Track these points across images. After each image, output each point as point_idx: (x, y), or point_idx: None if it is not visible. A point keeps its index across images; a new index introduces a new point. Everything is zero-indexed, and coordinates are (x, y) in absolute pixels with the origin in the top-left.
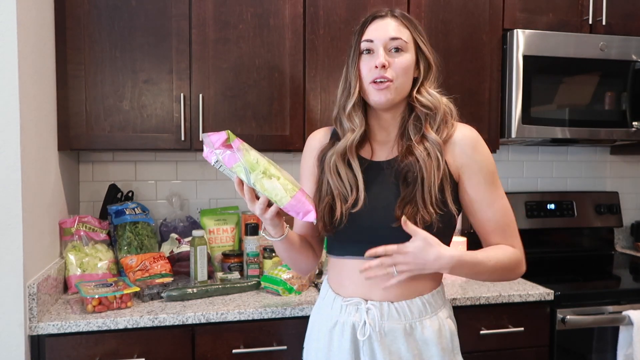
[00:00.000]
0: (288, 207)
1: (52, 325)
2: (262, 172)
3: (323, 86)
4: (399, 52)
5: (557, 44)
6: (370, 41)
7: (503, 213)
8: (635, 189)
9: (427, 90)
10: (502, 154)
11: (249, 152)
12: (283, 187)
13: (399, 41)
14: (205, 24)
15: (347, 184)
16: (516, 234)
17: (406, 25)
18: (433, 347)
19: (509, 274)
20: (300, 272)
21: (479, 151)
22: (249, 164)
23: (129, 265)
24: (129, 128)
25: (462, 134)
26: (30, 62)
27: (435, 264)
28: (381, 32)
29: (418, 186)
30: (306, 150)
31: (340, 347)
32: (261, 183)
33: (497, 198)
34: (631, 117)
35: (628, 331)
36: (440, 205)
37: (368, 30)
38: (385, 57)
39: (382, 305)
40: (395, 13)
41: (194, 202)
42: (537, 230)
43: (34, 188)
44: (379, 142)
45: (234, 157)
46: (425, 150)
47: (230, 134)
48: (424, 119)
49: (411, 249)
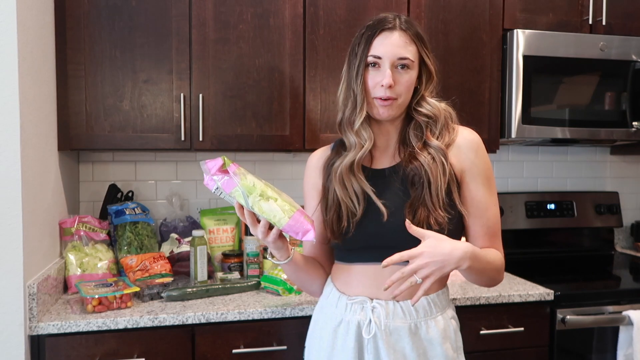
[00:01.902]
0: (287, 227)
1: (52, 325)
2: (259, 195)
3: (323, 86)
4: (405, 70)
5: (557, 44)
6: (378, 57)
7: (495, 219)
8: (635, 189)
9: (426, 100)
10: (502, 154)
11: (246, 176)
12: (281, 208)
13: (407, 60)
14: (205, 24)
15: (354, 196)
16: (500, 241)
17: (414, 40)
18: (438, 346)
19: (495, 277)
20: (311, 294)
21: (480, 155)
22: (245, 188)
23: (129, 265)
24: (129, 128)
25: (465, 137)
26: (30, 62)
27: (454, 257)
28: (389, 49)
29: (426, 189)
30: (308, 169)
31: (344, 345)
32: (259, 205)
33: (492, 203)
34: (631, 117)
35: (628, 331)
36: (448, 208)
37: (375, 44)
38: (393, 77)
39: (388, 304)
40: (403, 26)
41: (194, 202)
42: (537, 230)
43: (34, 188)
44: (379, 149)
45: (231, 183)
46: (430, 155)
47: (225, 160)
48: (424, 127)
49: (424, 248)
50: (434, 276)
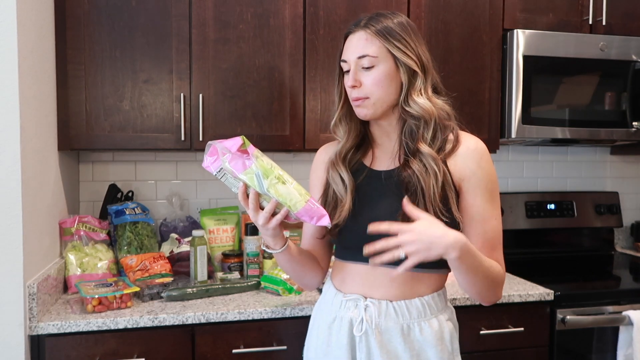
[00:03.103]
0: (302, 211)
1: (52, 325)
2: (276, 178)
3: (323, 86)
4: (369, 69)
5: (557, 44)
6: (345, 61)
7: (494, 233)
8: (635, 189)
9: (413, 98)
10: (502, 154)
11: (262, 158)
12: (297, 191)
13: (367, 58)
14: (205, 24)
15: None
16: (502, 257)
17: (377, 35)
18: (431, 349)
19: (492, 288)
20: (304, 287)
21: (481, 166)
22: (262, 169)
23: (129, 265)
24: (129, 128)
25: (467, 146)
26: (30, 62)
27: (443, 241)
28: (351, 51)
29: (420, 197)
30: (315, 162)
31: (338, 342)
32: (275, 188)
33: (491, 216)
34: (631, 117)
35: (628, 331)
36: (444, 215)
37: (344, 49)
38: (356, 77)
39: (381, 304)
40: (366, 23)
41: (194, 202)
42: (537, 230)
43: (34, 188)
44: (380, 148)
45: (244, 164)
46: (421, 163)
47: (245, 140)
48: (416, 131)
49: (416, 226)
50: (418, 255)
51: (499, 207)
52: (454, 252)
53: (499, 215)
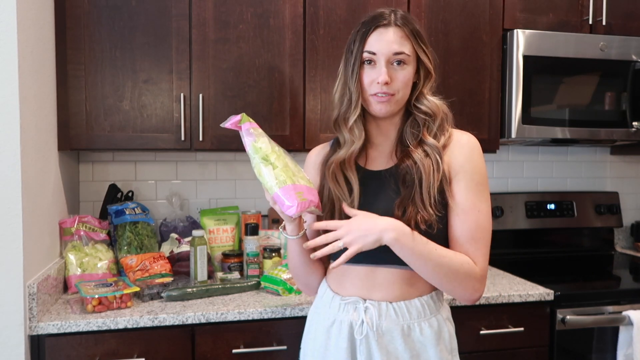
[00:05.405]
0: (275, 197)
1: (52, 325)
2: (262, 158)
3: (323, 86)
4: (401, 66)
5: (557, 44)
6: (373, 53)
7: (477, 226)
8: (635, 189)
9: (425, 96)
10: (502, 154)
11: (260, 137)
12: (275, 176)
13: (402, 55)
14: (205, 24)
15: (346, 192)
16: (482, 253)
17: (409, 36)
18: (431, 348)
19: (457, 280)
20: (305, 288)
21: (471, 159)
22: (253, 148)
23: (129, 265)
24: (129, 128)
25: (458, 140)
26: (30, 62)
27: (377, 225)
28: (384, 45)
29: (416, 187)
30: (307, 165)
31: (337, 345)
32: (259, 168)
33: (476, 209)
34: (631, 117)
35: (628, 331)
36: (439, 207)
37: (370, 40)
38: (389, 73)
39: (381, 305)
40: (399, 22)
41: (194, 202)
42: (537, 230)
43: (34, 188)
44: (376, 149)
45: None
46: (424, 152)
47: (244, 116)
48: (422, 125)
49: (351, 220)
50: (357, 244)
51: (486, 202)
52: (389, 233)
53: (486, 210)
